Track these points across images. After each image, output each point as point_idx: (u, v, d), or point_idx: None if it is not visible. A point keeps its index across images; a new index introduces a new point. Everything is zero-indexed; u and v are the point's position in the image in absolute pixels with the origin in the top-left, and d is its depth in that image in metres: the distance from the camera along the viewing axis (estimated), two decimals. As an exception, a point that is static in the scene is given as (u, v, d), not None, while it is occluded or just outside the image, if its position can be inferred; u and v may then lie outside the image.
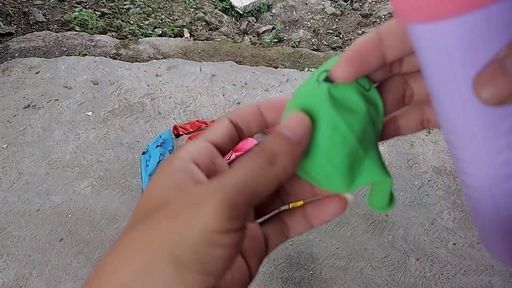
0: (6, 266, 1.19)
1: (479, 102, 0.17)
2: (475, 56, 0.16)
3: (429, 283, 1.20)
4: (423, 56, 0.19)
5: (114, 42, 1.97)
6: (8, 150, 1.46)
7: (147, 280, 0.18)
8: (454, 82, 0.18)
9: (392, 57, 0.22)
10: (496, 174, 0.20)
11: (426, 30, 0.17)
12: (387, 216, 1.33)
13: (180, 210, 0.19)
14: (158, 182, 0.22)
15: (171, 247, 0.18)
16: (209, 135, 0.24)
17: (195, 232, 0.18)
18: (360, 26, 2.33)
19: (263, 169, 0.20)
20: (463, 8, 0.15)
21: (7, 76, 1.71)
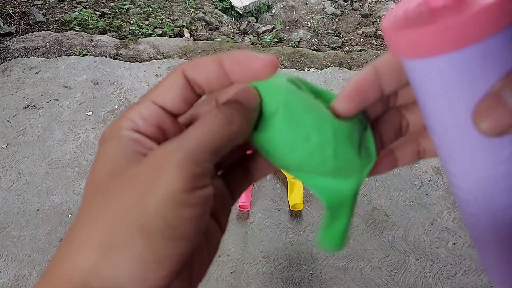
0: (6, 266, 1.19)
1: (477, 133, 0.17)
2: (472, 89, 0.17)
3: (429, 283, 1.20)
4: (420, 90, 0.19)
5: (114, 42, 1.97)
6: (8, 150, 1.46)
7: (116, 256, 0.17)
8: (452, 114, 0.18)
9: (389, 89, 0.22)
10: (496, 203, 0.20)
11: (422, 65, 0.17)
12: (387, 216, 1.33)
13: (139, 175, 0.19)
14: (107, 153, 0.21)
15: (135, 217, 0.17)
16: (157, 96, 0.22)
17: (159, 196, 0.18)
18: (360, 26, 2.33)
19: (221, 128, 0.20)
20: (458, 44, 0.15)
21: (7, 76, 1.71)
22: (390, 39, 0.18)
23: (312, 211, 1.33)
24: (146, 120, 0.22)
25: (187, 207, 0.18)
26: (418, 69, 0.18)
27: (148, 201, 0.18)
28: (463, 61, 0.16)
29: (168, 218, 0.17)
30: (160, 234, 0.17)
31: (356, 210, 1.34)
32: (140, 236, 0.17)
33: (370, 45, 2.20)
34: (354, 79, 0.22)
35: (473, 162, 0.19)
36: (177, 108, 0.22)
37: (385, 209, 1.35)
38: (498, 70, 0.16)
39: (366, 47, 2.18)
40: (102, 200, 0.19)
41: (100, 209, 0.18)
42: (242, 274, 1.19)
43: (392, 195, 1.38)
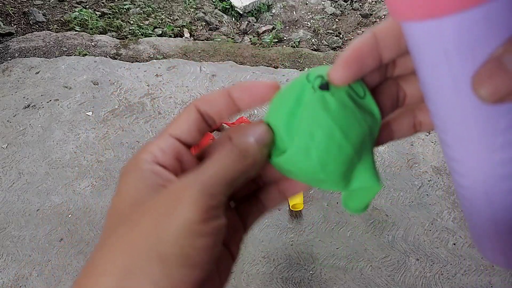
0: (6, 266, 1.19)
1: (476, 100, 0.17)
2: (473, 53, 0.16)
3: (429, 283, 1.20)
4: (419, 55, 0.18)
5: (114, 42, 1.97)
6: (8, 150, 1.46)
7: (134, 283, 0.18)
8: (451, 81, 0.17)
9: (388, 57, 0.22)
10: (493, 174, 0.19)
11: (423, 28, 0.17)
12: (387, 216, 1.33)
13: (158, 207, 0.20)
14: (128, 185, 0.22)
15: (153, 245, 0.18)
16: (174, 129, 0.24)
17: (176, 226, 0.19)
18: (360, 26, 2.33)
19: (236, 162, 0.22)
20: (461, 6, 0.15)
21: (7, 76, 1.71)
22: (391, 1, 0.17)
23: (312, 211, 1.33)
24: (165, 153, 0.23)
25: (202, 237, 0.19)
26: (419, 32, 0.17)
27: (165, 231, 0.19)
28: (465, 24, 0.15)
29: (183, 247, 0.19)
30: (176, 262, 0.18)
31: (356, 210, 1.34)
32: (157, 264, 0.18)
33: (370, 45, 2.20)
34: (351, 45, 0.21)
35: (470, 132, 0.19)
36: (192, 138, 0.24)
37: (385, 209, 1.35)
38: (501, 35, 0.16)
39: (366, 47, 2.18)
40: (122, 229, 0.20)
41: (121, 237, 0.20)
42: (242, 274, 1.19)
43: (392, 195, 1.38)
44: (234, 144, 0.22)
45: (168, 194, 0.20)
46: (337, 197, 1.36)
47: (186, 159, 0.24)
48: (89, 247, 1.24)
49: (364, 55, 0.21)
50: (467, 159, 0.20)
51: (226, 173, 0.21)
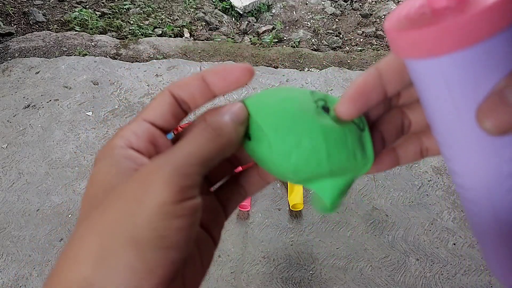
0: (6, 266, 1.19)
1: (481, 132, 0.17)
2: (476, 88, 0.17)
3: (429, 283, 1.20)
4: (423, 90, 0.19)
5: (114, 42, 1.97)
6: (8, 150, 1.46)
7: (108, 267, 0.18)
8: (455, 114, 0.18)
9: (392, 91, 0.22)
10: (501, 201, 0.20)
11: (425, 66, 0.17)
12: (387, 216, 1.33)
13: (129, 189, 0.19)
14: (101, 170, 0.22)
15: (126, 229, 0.18)
16: (147, 114, 0.23)
17: (148, 208, 0.18)
18: (360, 26, 2.33)
19: (211, 140, 0.21)
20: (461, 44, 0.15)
21: (7, 76, 1.71)
22: (393, 39, 0.18)
23: (312, 211, 1.33)
24: (139, 137, 0.23)
25: (176, 218, 0.19)
26: (422, 69, 0.18)
27: (137, 213, 0.18)
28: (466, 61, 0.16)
29: (157, 229, 0.18)
30: (151, 244, 0.18)
31: (356, 210, 1.34)
32: (131, 247, 0.18)
33: (370, 45, 2.20)
34: (356, 81, 0.22)
35: (477, 162, 0.19)
36: (167, 123, 0.24)
37: (385, 209, 1.35)
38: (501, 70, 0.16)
39: (366, 47, 2.18)
40: (95, 214, 0.20)
41: (93, 223, 0.19)
42: (242, 274, 1.19)
43: (392, 195, 1.38)
44: (208, 122, 0.22)
45: (140, 176, 0.20)
46: (337, 197, 1.36)
47: (161, 143, 0.23)
48: (89, 247, 1.24)
49: (369, 90, 0.22)
50: (475, 187, 0.20)
51: (199, 152, 0.20)
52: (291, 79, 1.79)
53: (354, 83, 0.22)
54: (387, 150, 0.25)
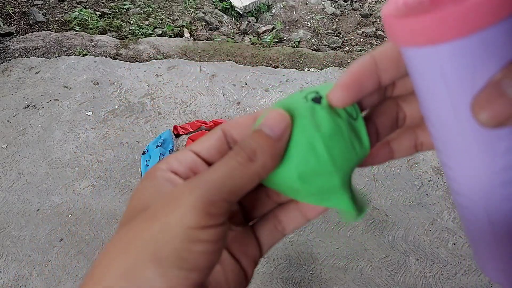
0: (6, 266, 1.19)
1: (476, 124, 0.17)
2: (472, 78, 0.16)
3: (429, 283, 1.20)
4: (419, 80, 0.19)
5: (114, 42, 1.97)
6: (8, 150, 1.46)
7: (131, 283, 0.18)
8: (450, 105, 0.18)
9: (387, 80, 0.22)
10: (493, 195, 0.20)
11: (422, 54, 0.17)
12: (387, 216, 1.33)
13: (158, 210, 0.20)
14: (142, 190, 0.23)
15: (151, 247, 0.19)
16: (195, 146, 0.24)
17: (173, 229, 0.19)
18: (360, 26, 2.33)
19: (242, 166, 0.20)
20: (459, 33, 0.15)
21: (7, 76, 1.71)
22: (390, 27, 0.18)
23: (312, 211, 1.33)
24: (181, 163, 0.23)
25: (199, 242, 0.19)
26: (418, 58, 0.18)
27: (162, 233, 0.19)
28: (463, 51, 0.16)
29: (179, 250, 0.19)
30: (172, 264, 0.18)
31: (356, 210, 1.34)
32: (153, 264, 0.18)
33: (370, 45, 2.20)
34: (350, 68, 0.21)
35: (471, 155, 0.19)
36: (211, 156, 0.24)
37: (385, 209, 1.35)
38: (499, 60, 0.16)
39: (366, 47, 2.18)
40: (124, 230, 0.21)
41: (121, 238, 0.20)
42: (242, 274, 1.19)
43: (392, 195, 1.38)
44: (241, 144, 0.21)
45: (169, 197, 0.20)
46: (337, 197, 1.36)
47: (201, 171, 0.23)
48: (89, 247, 1.24)
49: (363, 78, 0.21)
50: (468, 180, 0.20)
51: (229, 179, 0.20)
52: (291, 79, 1.79)
53: (348, 70, 0.21)
54: (381, 144, 0.25)
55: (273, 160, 0.21)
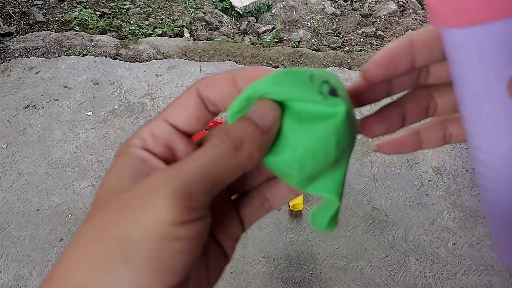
0: (6, 266, 1.19)
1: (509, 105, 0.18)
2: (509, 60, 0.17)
3: (429, 283, 1.20)
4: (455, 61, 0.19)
5: (114, 42, 1.97)
6: (8, 150, 1.46)
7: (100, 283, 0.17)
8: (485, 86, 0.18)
9: (421, 62, 0.22)
10: None
11: (462, 35, 0.18)
12: (387, 216, 1.33)
13: (130, 201, 0.18)
14: (113, 170, 0.21)
15: (121, 245, 0.17)
16: (170, 114, 0.22)
17: (145, 226, 0.17)
18: (360, 26, 2.33)
19: (227, 156, 0.19)
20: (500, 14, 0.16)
21: (7, 76, 1.71)
22: (432, 7, 0.18)
23: (312, 211, 1.33)
24: (156, 138, 0.21)
25: (175, 240, 0.17)
26: (458, 38, 0.18)
27: (134, 230, 0.17)
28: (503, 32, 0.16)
29: (154, 250, 0.17)
30: (145, 266, 0.17)
31: (356, 210, 1.34)
32: (125, 266, 0.17)
33: (370, 45, 2.20)
34: (387, 46, 0.22)
35: (501, 136, 0.19)
36: (190, 126, 0.22)
37: (385, 209, 1.35)
38: None
39: (366, 47, 2.18)
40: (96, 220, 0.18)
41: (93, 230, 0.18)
42: (242, 274, 1.19)
43: (392, 195, 1.38)
44: (227, 131, 0.20)
45: (142, 189, 0.18)
46: (337, 197, 1.36)
47: (179, 148, 0.22)
48: (89, 247, 1.24)
49: (398, 56, 0.22)
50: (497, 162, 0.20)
51: (211, 169, 0.18)
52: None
53: (385, 48, 0.22)
54: (411, 133, 0.25)
55: (260, 151, 0.20)
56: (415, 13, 2.38)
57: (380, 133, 0.24)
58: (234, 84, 0.21)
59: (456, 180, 1.43)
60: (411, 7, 2.43)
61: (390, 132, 0.25)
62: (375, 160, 1.47)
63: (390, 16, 2.35)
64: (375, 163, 1.47)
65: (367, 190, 1.39)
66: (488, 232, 1.30)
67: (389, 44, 0.22)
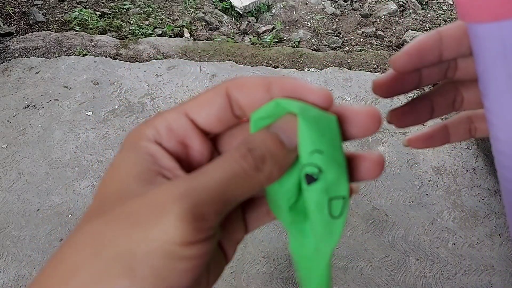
0: (6, 266, 1.19)
1: None
2: None
3: (429, 283, 1.20)
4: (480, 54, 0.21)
5: (114, 42, 1.97)
6: (8, 150, 1.46)
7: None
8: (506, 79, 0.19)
9: (448, 55, 0.23)
10: None
11: (486, 29, 0.19)
12: (387, 216, 1.33)
13: (137, 213, 0.17)
14: (120, 166, 0.19)
15: (126, 259, 0.16)
16: (192, 108, 0.20)
17: (152, 243, 0.16)
18: (360, 26, 2.33)
19: (246, 175, 0.17)
20: None
21: (7, 76, 1.71)
22: (460, 2, 0.20)
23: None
24: (172, 132, 0.20)
25: (182, 260, 0.16)
26: (482, 32, 0.19)
27: (140, 246, 0.16)
28: None
29: (157, 268, 0.16)
30: (147, 283, 0.16)
31: (356, 210, 1.34)
32: (127, 280, 0.16)
33: (370, 45, 2.20)
34: (418, 38, 0.23)
35: None
36: (210, 126, 0.20)
37: (385, 209, 1.35)
38: None
39: (366, 47, 2.18)
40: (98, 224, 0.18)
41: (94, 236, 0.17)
42: (242, 274, 1.19)
43: (392, 195, 1.38)
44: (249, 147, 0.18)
45: (152, 201, 0.17)
46: (337, 197, 1.36)
47: (196, 146, 0.20)
48: (89, 247, 1.24)
49: (427, 48, 0.23)
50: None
51: (227, 187, 0.17)
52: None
53: (415, 40, 0.23)
54: (439, 127, 0.26)
55: (280, 172, 0.19)
56: (415, 13, 2.38)
57: (409, 123, 0.25)
58: (268, 92, 0.19)
59: (456, 180, 1.43)
60: (411, 7, 2.43)
61: (418, 123, 0.25)
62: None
63: (390, 16, 2.35)
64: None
65: (367, 190, 1.39)
66: (488, 232, 1.30)
67: (419, 36, 0.23)
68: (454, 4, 2.24)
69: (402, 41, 2.15)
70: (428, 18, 2.34)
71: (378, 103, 1.68)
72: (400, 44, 2.16)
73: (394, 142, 1.54)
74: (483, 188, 1.41)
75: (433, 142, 0.26)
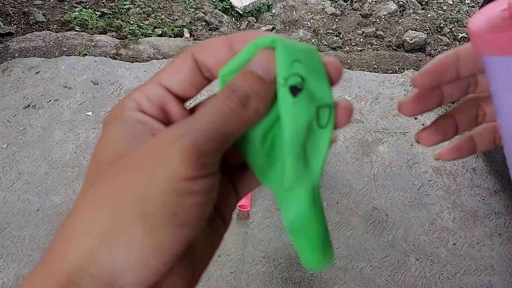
0: (6, 266, 1.19)
1: None
2: None
3: (429, 283, 1.20)
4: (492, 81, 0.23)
5: (114, 42, 1.97)
6: (8, 150, 1.46)
7: (114, 243, 0.17)
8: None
9: (465, 73, 0.25)
10: None
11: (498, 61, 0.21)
12: (387, 216, 1.33)
13: (142, 159, 0.18)
14: (111, 134, 0.20)
15: (136, 202, 0.17)
16: (164, 78, 0.21)
17: (162, 182, 0.17)
18: (360, 26, 2.33)
19: (235, 113, 0.19)
20: None
21: (7, 76, 1.71)
22: (474, 37, 0.22)
23: (312, 211, 1.33)
24: (151, 101, 0.21)
25: (190, 195, 0.17)
26: (493, 64, 0.22)
27: (149, 187, 0.17)
28: None
29: (170, 205, 0.17)
30: (162, 221, 0.17)
31: (356, 210, 1.34)
32: (141, 222, 0.17)
33: (370, 45, 2.20)
34: (436, 57, 0.25)
35: None
36: (184, 91, 0.22)
37: (385, 209, 1.35)
38: None
39: (366, 47, 2.18)
40: (103, 183, 0.18)
41: (101, 192, 0.18)
42: (242, 274, 1.19)
43: (392, 195, 1.38)
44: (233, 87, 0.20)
45: (155, 145, 0.18)
46: (336, 197, 1.36)
47: (174, 112, 0.22)
48: (89, 247, 1.24)
49: (444, 67, 0.25)
50: None
51: (220, 126, 0.18)
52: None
53: (434, 59, 0.25)
54: (466, 139, 0.28)
55: (266, 104, 0.20)
56: (415, 13, 2.38)
57: (437, 142, 0.27)
58: (231, 49, 0.21)
59: (456, 180, 1.43)
60: (411, 7, 2.43)
61: (445, 140, 0.27)
62: (375, 160, 1.48)
63: (390, 16, 2.35)
64: (375, 163, 1.47)
65: (367, 190, 1.39)
66: (488, 232, 1.30)
67: (437, 57, 0.25)
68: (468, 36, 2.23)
69: (402, 41, 2.15)
70: (428, 18, 2.34)
71: (378, 103, 1.68)
72: (400, 44, 2.16)
73: (394, 142, 1.54)
74: (483, 188, 1.41)
75: (461, 154, 0.28)
